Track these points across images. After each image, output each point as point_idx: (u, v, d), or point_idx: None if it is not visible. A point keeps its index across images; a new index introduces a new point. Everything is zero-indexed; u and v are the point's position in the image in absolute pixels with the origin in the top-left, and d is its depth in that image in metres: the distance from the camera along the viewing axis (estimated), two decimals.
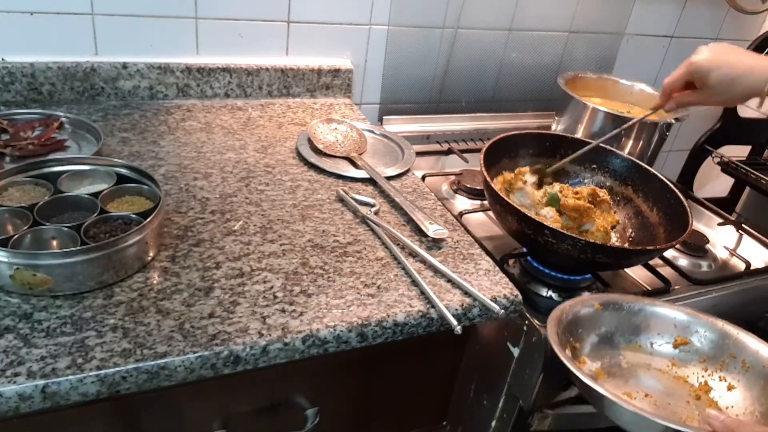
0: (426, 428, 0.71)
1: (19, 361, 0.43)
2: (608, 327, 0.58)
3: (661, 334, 0.58)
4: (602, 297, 0.59)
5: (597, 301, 0.58)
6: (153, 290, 0.52)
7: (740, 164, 1.23)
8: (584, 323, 0.57)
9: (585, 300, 0.58)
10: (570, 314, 0.56)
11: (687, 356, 0.57)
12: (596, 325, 0.58)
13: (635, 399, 0.53)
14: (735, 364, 0.55)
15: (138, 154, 0.73)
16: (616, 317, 0.58)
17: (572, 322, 0.56)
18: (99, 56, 0.83)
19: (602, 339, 0.58)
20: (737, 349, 0.56)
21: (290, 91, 0.96)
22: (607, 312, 0.58)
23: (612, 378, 0.55)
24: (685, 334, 0.58)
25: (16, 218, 0.54)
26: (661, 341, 0.58)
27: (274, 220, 0.64)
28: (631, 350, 0.58)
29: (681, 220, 0.69)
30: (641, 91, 1.09)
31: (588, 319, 0.57)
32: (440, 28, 1.02)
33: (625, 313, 0.58)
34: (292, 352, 0.50)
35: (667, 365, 0.57)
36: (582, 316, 0.57)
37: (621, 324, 0.58)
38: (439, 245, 0.65)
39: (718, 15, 1.27)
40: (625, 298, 0.60)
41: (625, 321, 0.58)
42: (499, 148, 0.78)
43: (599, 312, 0.58)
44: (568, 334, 0.55)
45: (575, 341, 0.56)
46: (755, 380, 0.54)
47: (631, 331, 0.58)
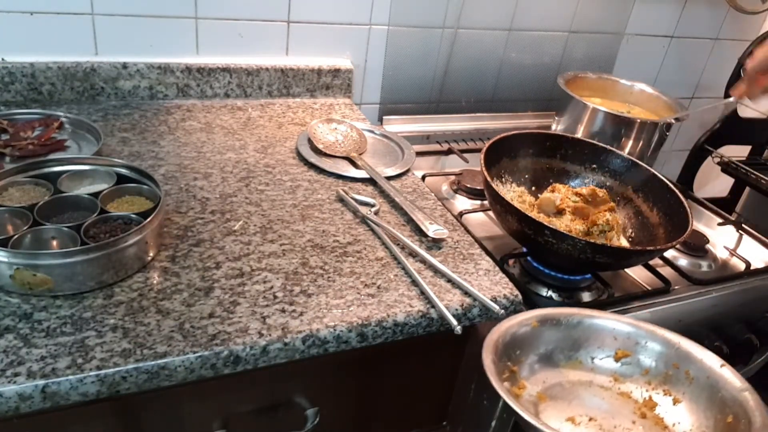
0: (426, 428, 0.70)
1: (19, 361, 0.43)
2: (547, 345, 0.54)
3: (602, 347, 0.55)
4: (539, 313, 0.55)
5: (534, 319, 0.54)
6: (153, 290, 0.52)
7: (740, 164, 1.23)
8: (522, 343, 0.53)
9: (521, 318, 0.54)
10: (507, 336, 0.52)
11: (629, 370, 0.54)
12: (535, 344, 0.54)
13: (579, 425, 0.49)
14: (679, 376, 0.52)
15: (138, 154, 0.73)
16: (555, 333, 0.55)
17: (510, 344, 0.52)
18: (99, 56, 0.83)
19: (541, 359, 0.54)
20: (680, 360, 0.52)
21: (290, 91, 0.96)
22: (545, 328, 0.54)
23: (554, 401, 0.51)
24: (626, 346, 0.54)
25: (16, 218, 0.54)
26: (602, 355, 0.55)
27: (274, 220, 0.64)
28: (572, 367, 0.54)
29: (681, 220, 0.69)
30: (641, 91, 1.09)
31: (526, 338, 0.53)
32: (440, 28, 1.02)
33: (564, 328, 0.55)
34: (292, 352, 0.50)
35: (609, 381, 0.54)
36: (519, 336, 0.53)
37: (560, 340, 0.55)
38: (439, 245, 0.65)
39: (718, 15, 1.27)
40: (563, 312, 0.56)
41: (563, 336, 0.55)
42: (500, 148, 0.78)
43: (537, 329, 0.54)
44: (506, 358, 0.51)
45: (513, 364, 0.52)
46: (700, 392, 0.50)
47: (570, 347, 0.55)
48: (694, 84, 1.36)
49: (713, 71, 1.35)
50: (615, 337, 0.55)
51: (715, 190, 1.47)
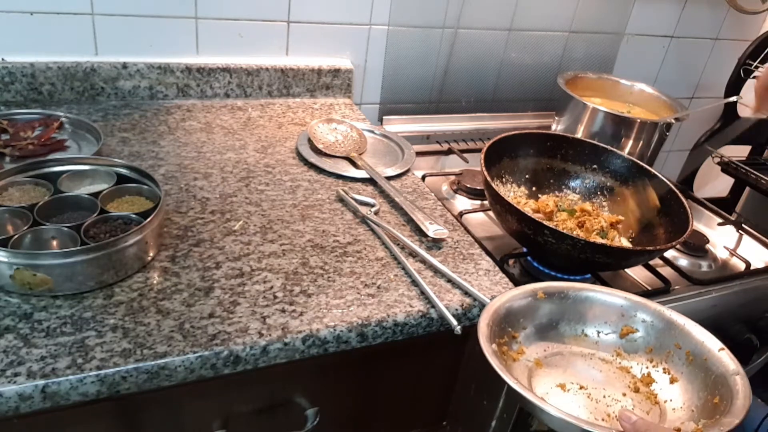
0: (426, 428, 0.70)
1: (19, 361, 0.43)
2: (552, 316, 0.56)
3: (608, 323, 0.56)
4: (547, 285, 0.57)
5: (541, 290, 0.56)
6: (153, 290, 0.52)
7: (740, 164, 1.23)
8: (526, 312, 0.55)
9: (528, 289, 0.56)
10: (510, 303, 0.54)
11: (633, 346, 0.55)
12: (539, 314, 0.55)
13: (568, 391, 0.51)
14: (680, 356, 0.53)
15: (138, 154, 0.73)
16: (562, 306, 0.56)
17: (512, 311, 0.54)
18: (99, 56, 0.83)
19: (545, 328, 0.56)
20: (683, 340, 0.53)
21: (290, 91, 0.96)
22: (552, 300, 0.56)
23: (549, 368, 0.53)
24: (632, 323, 0.56)
25: (16, 218, 0.54)
26: (607, 330, 0.56)
27: (274, 220, 0.64)
28: (576, 339, 0.56)
29: (681, 221, 0.69)
30: (641, 91, 1.09)
31: (530, 307, 0.55)
32: (440, 28, 1.02)
33: (571, 302, 0.56)
34: (292, 352, 0.50)
35: (611, 355, 0.55)
36: (524, 305, 0.55)
37: (566, 312, 0.56)
38: (439, 245, 0.65)
39: (718, 15, 1.27)
40: (571, 285, 0.57)
41: (570, 309, 0.56)
42: (500, 148, 0.78)
43: (543, 300, 0.55)
44: (506, 324, 0.53)
45: (514, 331, 0.54)
46: (697, 373, 0.51)
47: (576, 320, 0.56)
48: (694, 84, 1.36)
49: (713, 71, 1.35)
50: (622, 314, 0.56)
51: (715, 190, 1.47)
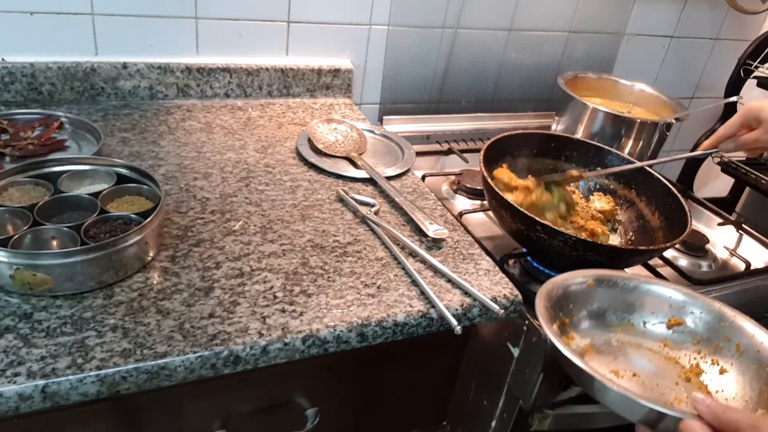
0: (426, 428, 0.71)
1: (19, 361, 0.43)
2: (601, 304, 0.56)
3: (655, 313, 0.56)
4: (596, 273, 0.57)
5: (591, 277, 0.56)
6: (153, 290, 0.52)
7: (740, 164, 1.23)
8: (576, 298, 0.55)
9: (578, 275, 0.56)
10: (561, 289, 0.54)
11: (680, 337, 0.55)
12: (588, 301, 0.56)
13: (622, 378, 0.51)
14: (729, 348, 0.53)
15: (138, 154, 0.73)
16: (610, 294, 0.56)
17: (563, 297, 0.54)
18: (99, 56, 0.83)
19: (594, 315, 0.56)
20: (732, 333, 0.53)
21: (290, 91, 0.96)
22: (601, 288, 0.56)
23: (600, 355, 0.53)
24: (680, 314, 0.56)
25: (16, 218, 0.54)
26: (654, 321, 0.56)
27: (274, 220, 0.64)
28: (623, 328, 0.56)
29: (680, 223, 0.69)
30: (641, 91, 1.09)
31: (580, 294, 0.55)
32: (440, 28, 1.02)
33: (620, 290, 0.56)
34: (292, 352, 0.50)
35: (659, 346, 0.55)
36: (574, 290, 0.55)
37: (614, 301, 0.56)
38: (439, 245, 0.65)
39: (718, 15, 1.27)
40: (620, 275, 0.58)
41: (618, 298, 0.56)
42: (499, 148, 0.78)
43: (592, 288, 0.55)
44: (558, 309, 0.53)
45: (565, 316, 0.54)
46: (748, 364, 0.51)
47: (624, 309, 0.56)
48: (694, 84, 1.36)
49: (713, 71, 1.35)
50: (670, 305, 0.56)
51: (715, 190, 1.47)
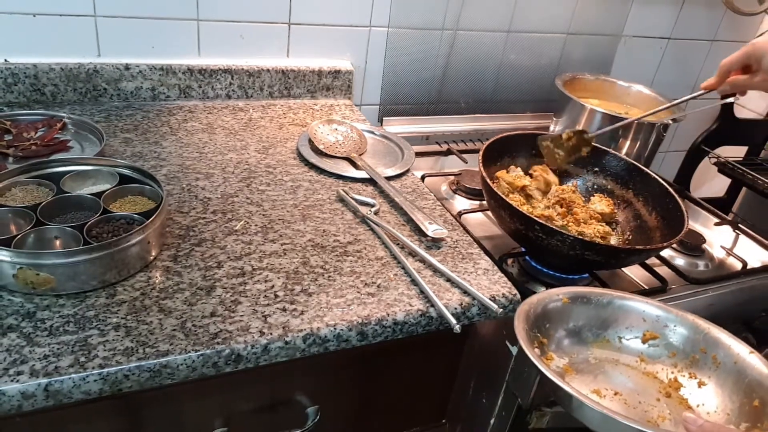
0: (425, 426, 0.71)
1: (22, 360, 0.44)
2: (576, 321, 0.56)
3: (630, 328, 0.56)
4: (570, 290, 0.57)
5: (565, 295, 0.56)
6: (155, 289, 0.52)
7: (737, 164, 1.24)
8: (552, 318, 0.55)
9: (553, 294, 0.56)
10: (538, 308, 0.54)
11: (656, 351, 0.55)
12: (564, 319, 0.55)
13: (605, 398, 0.50)
14: (705, 360, 0.53)
15: (140, 155, 0.74)
16: (585, 311, 0.56)
17: (540, 317, 0.54)
18: (101, 57, 0.84)
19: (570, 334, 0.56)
20: (708, 345, 0.53)
21: (291, 92, 0.96)
22: (576, 306, 0.56)
23: (580, 374, 0.53)
24: (655, 328, 0.56)
25: (19, 218, 0.54)
26: (629, 336, 0.56)
27: (275, 220, 0.65)
28: (599, 345, 0.56)
29: (677, 222, 0.70)
30: (638, 93, 1.10)
31: (556, 313, 0.55)
32: (439, 29, 1.02)
33: (594, 307, 0.56)
34: (293, 351, 0.51)
35: (635, 361, 0.55)
36: (550, 310, 0.55)
37: (589, 318, 0.56)
38: (438, 245, 0.65)
39: (715, 17, 1.28)
40: (593, 291, 0.58)
41: (593, 315, 0.56)
42: (498, 148, 0.78)
43: (567, 306, 0.55)
44: (536, 329, 0.53)
45: (543, 336, 0.54)
46: (726, 377, 0.51)
47: (599, 326, 0.56)
48: (691, 85, 1.37)
49: (710, 72, 1.33)
50: (644, 319, 0.56)
51: (712, 191, 1.48)
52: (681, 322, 0.55)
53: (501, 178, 0.78)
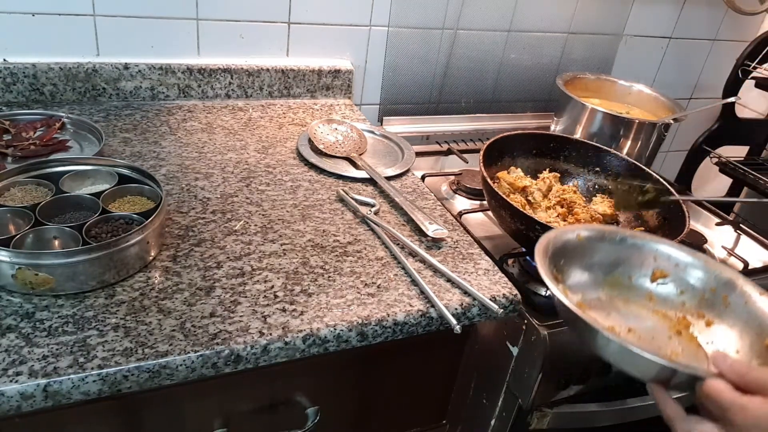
0: (426, 427, 0.71)
1: (21, 361, 0.43)
2: (590, 258, 0.56)
3: (640, 266, 0.56)
4: (586, 227, 0.57)
5: (581, 231, 0.56)
6: (154, 290, 0.52)
7: (738, 164, 1.24)
8: (567, 254, 0.54)
9: (568, 230, 0.55)
10: (557, 243, 0.53)
11: (665, 290, 0.55)
12: (578, 256, 0.55)
13: (619, 334, 0.49)
14: (715, 300, 0.52)
15: (139, 155, 0.74)
16: (599, 248, 0.56)
17: (556, 252, 0.53)
18: (100, 57, 0.84)
19: (583, 270, 0.55)
20: (719, 285, 0.52)
21: (291, 91, 0.96)
22: (590, 243, 0.55)
23: (593, 311, 0.53)
24: (665, 267, 0.55)
25: (18, 218, 0.54)
26: (639, 274, 0.56)
27: (275, 220, 0.65)
28: (610, 283, 0.55)
29: (678, 223, 0.70)
30: (639, 92, 1.09)
31: (571, 249, 0.55)
32: (440, 29, 1.02)
33: (607, 244, 0.56)
34: (292, 352, 0.50)
35: (644, 299, 0.55)
36: (565, 246, 0.54)
37: (602, 256, 0.56)
38: (438, 245, 0.65)
39: (716, 16, 1.28)
40: (608, 229, 0.57)
41: (606, 253, 0.56)
42: (499, 148, 0.78)
43: (582, 242, 0.55)
44: (552, 265, 0.52)
45: (557, 272, 0.53)
46: (736, 317, 0.50)
47: (611, 264, 0.56)
48: (692, 85, 1.37)
49: (711, 72, 1.35)
50: (655, 258, 0.56)
51: (713, 190, 1.47)
52: (692, 262, 0.54)
53: (502, 178, 0.78)
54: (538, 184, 0.78)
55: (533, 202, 0.77)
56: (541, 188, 0.78)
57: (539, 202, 0.77)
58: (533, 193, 0.77)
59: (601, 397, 0.70)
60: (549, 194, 0.78)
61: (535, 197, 0.77)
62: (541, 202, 0.77)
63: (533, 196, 0.77)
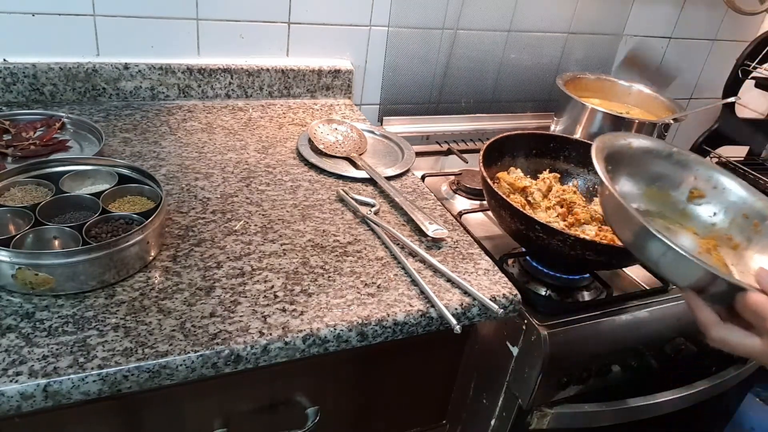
0: (426, 427, 0.71)
1: (21, 361, 0.43)
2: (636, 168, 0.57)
3: (680, 183, 0.57)
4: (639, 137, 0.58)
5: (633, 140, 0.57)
6: (154, 290, 0.52)
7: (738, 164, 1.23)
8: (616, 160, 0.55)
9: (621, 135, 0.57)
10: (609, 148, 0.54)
11: (699, 210, 0.56)
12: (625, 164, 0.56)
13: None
14: (746, 225, 0.53)
15: (139, 155, 0.74)
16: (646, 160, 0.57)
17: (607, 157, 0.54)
18: (100, 57, 0.84)
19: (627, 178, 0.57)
20: (752, 212, 0.53)
21: (291, 91, 0.96)
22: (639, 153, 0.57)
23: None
24: (704, 187, 0.56)
25: (18, 218, 0.54)
26: (678, 191, 0.57)
27: (275, 220, 0.65)
28: (649, 195, 0.57)
29: None
30: (639, 92, 1.09)
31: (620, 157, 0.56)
32: (440, 29, 1.02)
33: (654, 157, 0.57)
34: (292, 352, 0.50)
35: (678, 215, 0.56)
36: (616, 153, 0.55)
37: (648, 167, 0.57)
38: (438, 245, 0.65)
39: (716, 16, 1.28)
40: (658, 142, 0.58)
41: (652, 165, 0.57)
42: (499, 148, 0.78)
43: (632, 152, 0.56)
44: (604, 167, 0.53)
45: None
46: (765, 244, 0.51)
47: (653, 176, 0.57)
48: (692, 85, 1.37)
49: (711, 72, 1.35)
50: (695, 177, 0.57)
51: None
52: (731, 186, 0.55)
53: (502, 179, 0.78)
54: (538, 185, 0.78)
55: (533, 202, 0.77)
56: (541, 188, 0.78)
57: (539, 202, 0.77)
58: (533, 193, 0.77)
59: (601, 397, 0.70)
60: (549, 194, 0.78)
61: (535, 197, 0.77)
62: (541, 203, 0.77)
63: (533, 197, 0.77)
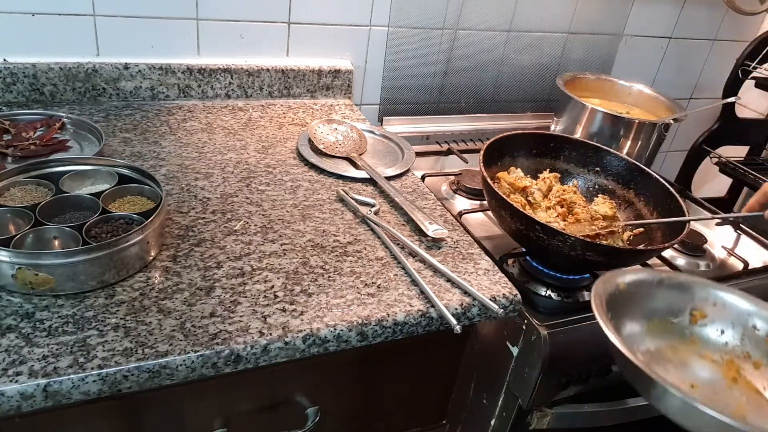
0: (426, 427, 0.71)
1: (21, 361, 0.43)
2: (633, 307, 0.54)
3: (678, 308, 0.54)
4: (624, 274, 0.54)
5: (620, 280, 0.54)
6: (154, 290, 0.52)
7: (738, 164, 1.24)
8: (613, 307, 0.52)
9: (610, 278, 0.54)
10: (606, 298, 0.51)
11: (706, 331, 0.53)
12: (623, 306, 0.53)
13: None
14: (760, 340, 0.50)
15: (139, 155, 0.74)
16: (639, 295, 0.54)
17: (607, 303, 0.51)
18: (100, 57, 0.84)
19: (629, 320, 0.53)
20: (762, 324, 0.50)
21: (291, 91, 0.96)
22: (630, 290, 0.54)
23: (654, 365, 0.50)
24: (703, 306, 0.53)
25: (18, 218, 0.54)
26: (678, 317, 0.54)
27: (275, 220, 0.65)
28: (652, 329, 0.53)
29: (678, 223, 0.70)
30: (639, 92, 1.09)
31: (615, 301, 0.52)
32: (440, 29, 1.02)
33: (646, 289, 0.54)
34: (292, 352, 0.50)
35: (688, 342, 0.52)
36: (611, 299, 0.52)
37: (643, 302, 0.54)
38: (438, 245, 0.65)
39: (717, 16, 1.28)
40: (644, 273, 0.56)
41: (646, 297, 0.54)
42: (499, 148, 0.78)
43: (623, 292, 0.53)
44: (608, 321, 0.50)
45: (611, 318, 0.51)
46: None
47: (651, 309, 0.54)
48: (692, 85, 1.37)
49: (711, 72, 1.35)
50: (692, 298, 0.54)
51: (714, 190, 1.48)
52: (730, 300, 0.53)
53: (502, 179, 0.78)
54: (538, 184, 0.78)
55: (533, 202, 0.77)
56: (541, 188, 0.78)
57: (539, 202, 0.77)
58: (533, 193, 0.77)
59: (601, 397, 0.70)
60: (549, 194, 0.78)
61: (535, 197, 0.77)
62: (541, 202, 0.77)
63: (533, 197, 0.77)
